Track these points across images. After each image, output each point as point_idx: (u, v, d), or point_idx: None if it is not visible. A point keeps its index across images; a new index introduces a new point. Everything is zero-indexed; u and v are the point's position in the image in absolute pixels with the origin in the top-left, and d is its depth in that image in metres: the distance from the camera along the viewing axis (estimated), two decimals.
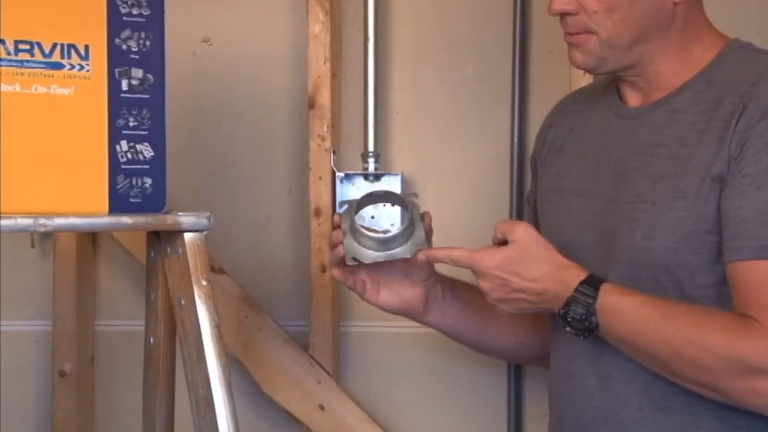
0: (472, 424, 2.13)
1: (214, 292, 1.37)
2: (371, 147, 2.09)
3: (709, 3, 1.52)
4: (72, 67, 1.33)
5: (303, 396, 2.08)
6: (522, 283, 1.45)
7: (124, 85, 1.36)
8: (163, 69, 1.39)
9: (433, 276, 1.63)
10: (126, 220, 1.34)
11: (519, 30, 2.08)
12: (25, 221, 1.27)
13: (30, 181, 1.31)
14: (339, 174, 2.07)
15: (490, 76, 2.11)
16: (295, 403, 2.09)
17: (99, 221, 1.36)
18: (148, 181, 1.38)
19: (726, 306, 1.39)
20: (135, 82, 1.37)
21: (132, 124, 1.37)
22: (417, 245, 1.54)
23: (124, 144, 1.36)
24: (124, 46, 1.36)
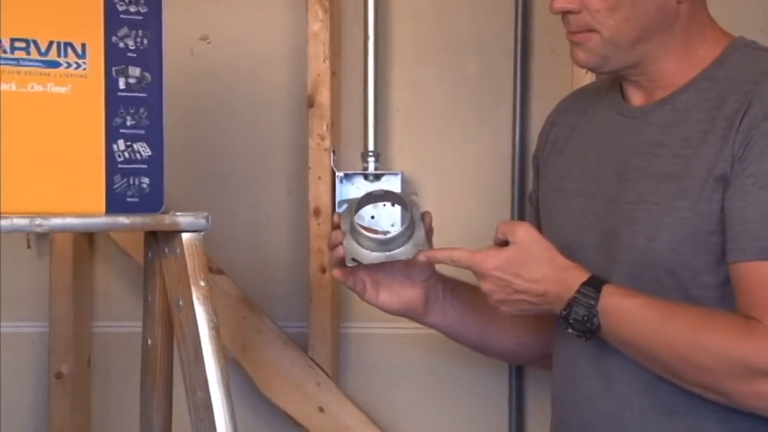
0: (473, 425, 2.13)
1: (212, 293, 1.36)
2: (371, 146, 2.09)
3: (713, 1, 1.52)
4: (69, 66, 1.33)
5: (302, 398, 2.08)
6: (523, 285, 1.45)
7: (121, 84, 1.36)
8: (161, 67, 1.39)
9: (434, 276, 1.63)
10: (123, 220, 1.34)
11: (521, 28, 2.08)
12: (21, 221, 1.27)
13: (26, 181, 1.31)
14: (338, 173, 2.07)
15: (491, 74, 2.11)
16: (295, 406, 2.09)
17: (96, 221, 1.36)
18: (145, 181, 1.38)
19: (730, 307, 1.39)
20: (132, 80, 1.37)
21: (129, 123, 1.37)
22: (417, 246, 1.54)
23: (121, 143, 1.36)
24: (121, 44, 1.36)
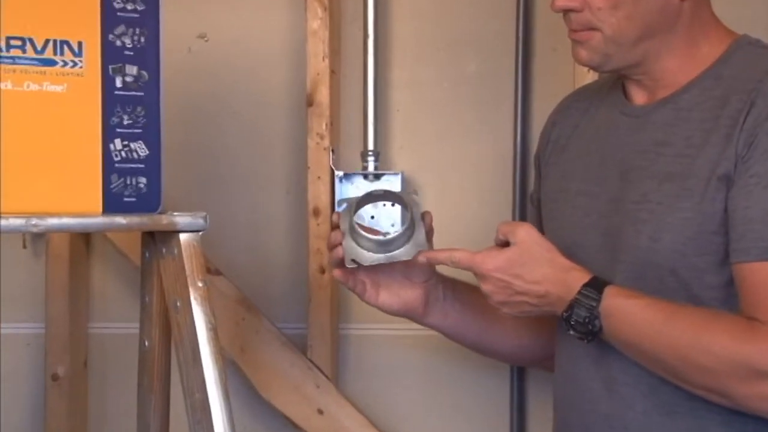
0: (474, 428, 2.13)
1: (210, 294, 1.36)
2: (371, 145, 2.09)
3: None
4: (65, 64, 1.33)
5: (301, 400, 2.08)
6: (524, 286, 1.45)
7: (118, 82, 1.36)
8: (158, 66, 1.39)
9: (434, 277, 1.64)
10: (120, 220, 1.34)
11: (522, 26, 2.08)
12: (17, 221, 1.27)
13: (22, 181, 1.31)
14: (338, 173, 2.07)
15: (492, 73, 2.11)
16: (293, 408, 2.09)
17: (92, 221, 1.36)
18: (142, 181, 1.38)
19: (734, 307, 1.39)
20: (129, 79, 1.37)
21: (126, 122, 1.37)
22: (417, 246, 1.54)
23: (118, 142, 1.36)
24: (118, 42, 1.36)
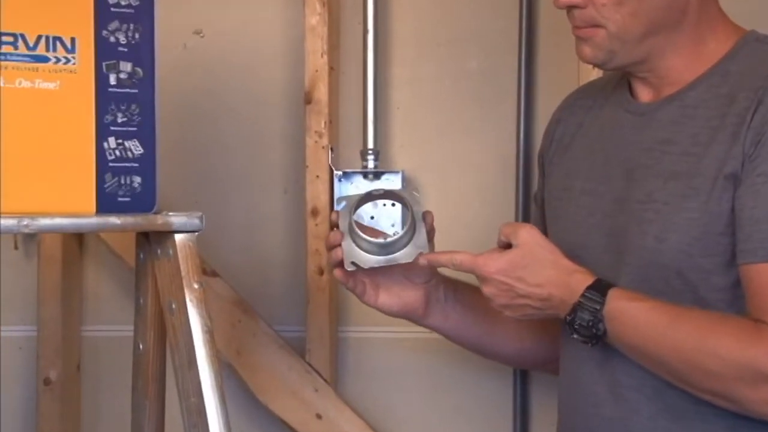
0: None
1: (206, 295, 1.37)
2: (371, 144, 2.09)
3: None
4: (57, 61, 1.34)
5: (299, 404, 2.09)
6: (527, 289, 1.45)
7: (112, 80, 1.37)
8: (153, 62, 1.39)
9: (435, 278, 1.64)
10: (114, 220, 1.35)
11: (525, 21, 2.08)
12: (8, 222, 1.27)
13: (13, 180, 1.31)
14: (337, 172, 2.07)
15: (494, 70, 2.11)
16: (291, 412, 2.09)
17: (86, 222, 1.36)
18: (137, 180, 1.38)
19: (742, 309, 1.39)
20: (123, 76, 1.37)
21: (120, 120, 1.37)
22: (418, 248, 1.54)
23: (112, 141, 1.37)
24: (111, 38, 1.36)
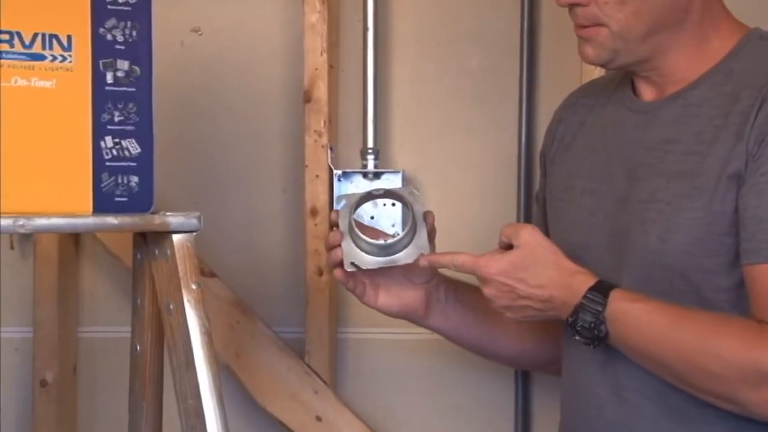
0: None
1: (204, 296, 1.37)
2: (371, 143, 2.09)
3: None
4: (54, 59, 1.34)
5: (298, 407, 2.09)
6: (528, 290, 1.45)
7: (108, 78, 1.37)
8: (150, 60, 1.39)
9: (436, 278, 1.64)
10: (111, 220, 1.35)
11: (527, 19, 2.08)
12: (4, 222, 1.27)
13: (9, 179, 1.31)
14: (336, 172, 2.07)
15: (496, 68, 2.11)
16: (290, 415, 2.09)
17: (82, 221, 1.36)
18: (134, 179, 1.38)
19: (745, 310, 1.40)
20: (120, 74, 1.37)
21: (117, 118, 1.37)
22: (419, 249, 1.54)
23: (108, 140, 1.37)
24: (108, 36, 1.37)
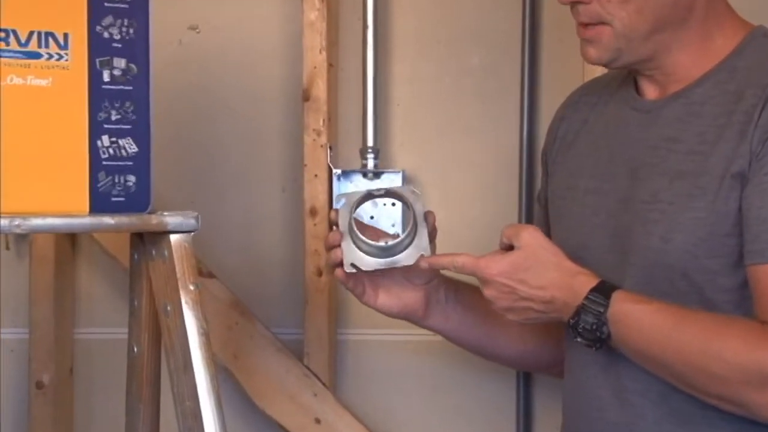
0: None
1: (202, 297, 1.37)
2: (370, 142, 2.09)
3: None
4: (50, 57, 1.34)
5: (297, 409, 2.09)
6: (529, 291, 1.45)
7: (105, 76, 1.37)
8: (148, 59, 1.39)
9: (436, 278, 1.64)
10: (108, 220, 1.35)
11: (528, 17, 2.08)
12: (0, 222, 1.27)
13: (4, 179, 1.31)
14: (336, 171, 2.07)
15: (497, 66, 2.11)
16: (289, 417, 2.09)
17: (79, 221, 1.36)
18: (131, 179, 1.38)
19: (749, 311, 1.40)
20: (117, 72, 1.37)
21: (114, 117, 1.37)
22: (420, 251, 1.54)
23: (105, 139, 1.37)
24: (105, 34, 1.37)
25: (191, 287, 1.36)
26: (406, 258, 1.55)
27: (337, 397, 2.11)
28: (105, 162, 1.37)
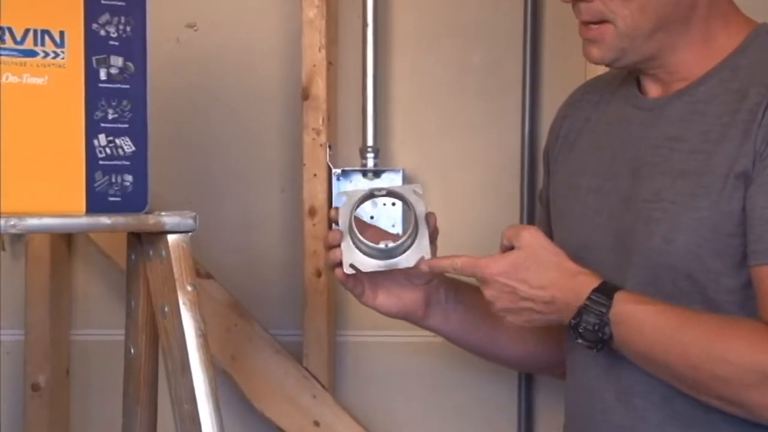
0: None
1: (200, 298, 1.37)
2: (370, 141, 2.09)
3: None
4: (46, 55, 1.34)
5: (296, 411, 2.09)
6: (529, 291, 1.45)
7: (102, 75, 1.37)
8: (145, 57, 1.39)
9: (436, 279, 1.64)
10: (104, 220, 1.35)
11: (530, 14, 2.08)
12: None
13: (0, 179, 1.31)
14: (335, 170, 2.07)
15: (498, 63, 2.11)
16: (288, 419, 2.09)
17: (75, 222, 1.36)
18: (128, 179, 1.38)
19: (753, 312, 1.40)
20: (114, 71, 1.37)
21: (111, 116, 1.37)
22: (420, 253, 1.54)
23: (102, 138, 1.37)
24: (102, 32, 1.37)
25: (189, 288, 1.36)
26: (406, 260, 1.55)
27: (337, 399, 2.11)
28: (102, 161, 1.37)
